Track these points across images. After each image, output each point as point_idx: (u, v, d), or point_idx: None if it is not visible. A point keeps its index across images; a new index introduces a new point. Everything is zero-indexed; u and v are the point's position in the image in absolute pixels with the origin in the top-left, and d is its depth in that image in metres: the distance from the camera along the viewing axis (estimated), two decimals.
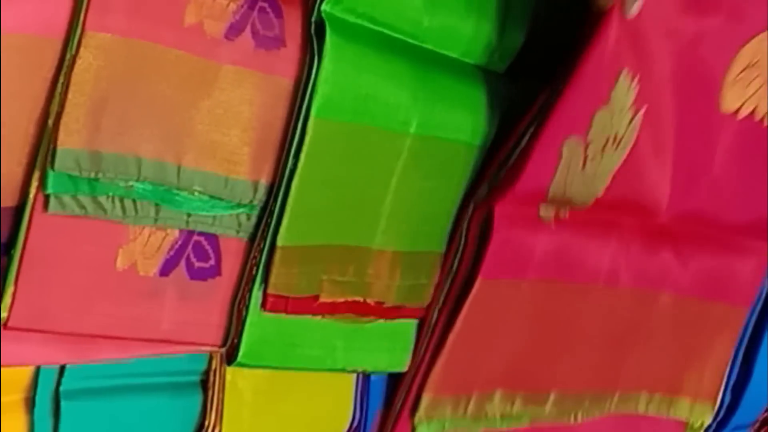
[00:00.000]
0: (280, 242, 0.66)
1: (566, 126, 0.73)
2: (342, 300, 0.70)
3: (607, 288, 0.82)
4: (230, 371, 0.72)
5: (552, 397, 0.84)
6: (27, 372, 0.64)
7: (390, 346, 0.76)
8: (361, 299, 0.71)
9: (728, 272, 0.90)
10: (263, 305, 0.67)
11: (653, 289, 0.86)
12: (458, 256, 0.75)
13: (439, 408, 0.78)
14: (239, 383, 0.73)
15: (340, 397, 0.80)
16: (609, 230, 0.81)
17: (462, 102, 0.73)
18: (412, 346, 0.77)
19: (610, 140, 0.76)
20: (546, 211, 0.77)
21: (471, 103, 0.73)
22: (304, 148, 0.64)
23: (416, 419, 0.77)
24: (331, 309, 0.70)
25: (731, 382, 1.01)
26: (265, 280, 0.66)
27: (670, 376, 0.91)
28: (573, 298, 0.81)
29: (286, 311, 0.68)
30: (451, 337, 0.75)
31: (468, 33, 0.73)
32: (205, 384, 0.72)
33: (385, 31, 0.69)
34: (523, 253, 0.76)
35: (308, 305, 0.69)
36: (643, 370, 0.89)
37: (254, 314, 0.67)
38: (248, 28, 0.62)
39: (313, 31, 0.64)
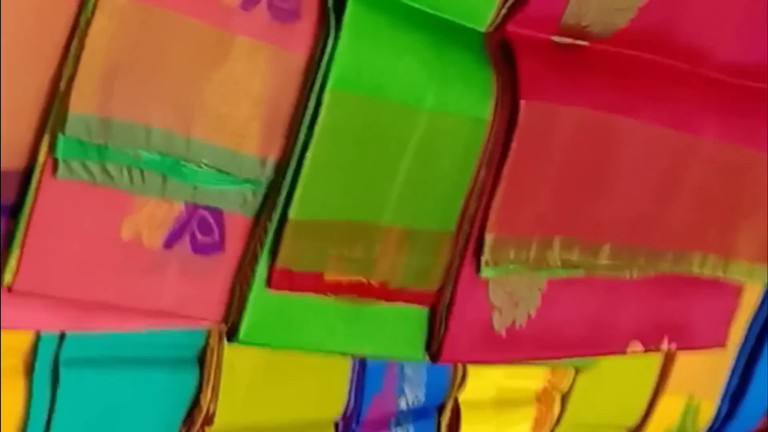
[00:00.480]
0: (291, 215, 0.65)
1: None
2: (346, 280, 0.70)
3: (647, 126, 0.82)
4: (228, 349, 0.72)
5: (607, 248, 0.84)
6: (27, 337, 0.63)
7: (392, 333, 0.75)
8: (365, 280, 0.71)
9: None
10: (268, 282, 0.67)
11: (693, 133, 0.86)
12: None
13: (504, 250, 0.78)
14: (236, 362, 0.73)
15: (335, 381, 0.80)
16: (639, 66, 0.82)
17: (478, 77, 0.72)
18: (417, 338, 0.77)
19: None
20: (560, 40, 0.77)
21: (488, 78, 0.73)
22: (319, 120, 0.64)
23: (482, 262, 0.77)
24: (335, 288, 0.70)
25: (729, 391, 1.02)
26: (273, 254, 0.66)
27: (723, 236, 0.91)
28: (615, 134, 0.81)
29: (291, 288, 0.67)
30: (506, 169, 0.75)
31: (485, 2, 0.72)
32: (202, 360, 0.72)
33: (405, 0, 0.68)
34: (554, 76, 0.76)
35: (313, 283, 0.68)
36: (695, 228, 0.89)
37: (257, 292, 0.67)
38: (264, 0, 0.62)
39: (330, 4, 0.64)
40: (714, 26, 0.84)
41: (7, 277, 0.59)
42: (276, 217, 0.66)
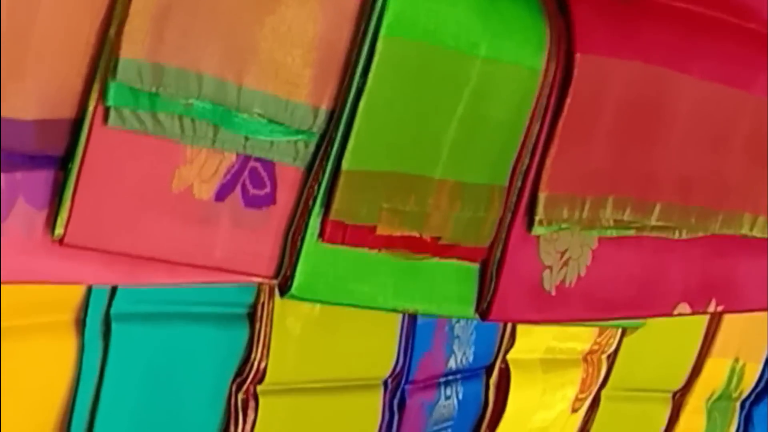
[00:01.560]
0: (345, 166, 0.64)
1: None
2: (399, 234, 0.69)
3: (699, 81, 0.81)
4: (279, 305, 0.71)
5: (658, 208, 0.83)
6: (79, 292, 0.63)
7: (443, 290, 0.74)
8: (418, 234, 0.70)
9: None
10: (321, 234, 0.65)
11: (743, 89, 0.84)
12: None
13: (557, 209, 0.76)
14: (287, 318, 0.72)
15: (385, 339, 0.79)
16: (690, 19, 0.80)
17: (532, 27, 0.71)
18: (468, 295, 0.76)
19: None
20: None
21: (539, 27, 0.71)
22: (373, 67, 0.63)
23: (535, 221, 0.76)
24: (387, 243, 0.68)
25: None
26: (327, 206, 0.65)
27: None
28: (667, 89, 0.79)
29: (344, 241, 0.66)
30: (560, 125, 0.74)
31: None
32: (252, 317, 0.71)
33: None
34: (608, 29, 0.75)
35: (365, 236, 0.67)
36: (745, 188, 0.88)
37: (310, 245, 0.65)
38: None
39: None
40: None
41: (59, 230, 0.58)
42: (329, 168, 0.64)
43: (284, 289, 0.67)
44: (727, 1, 0.82)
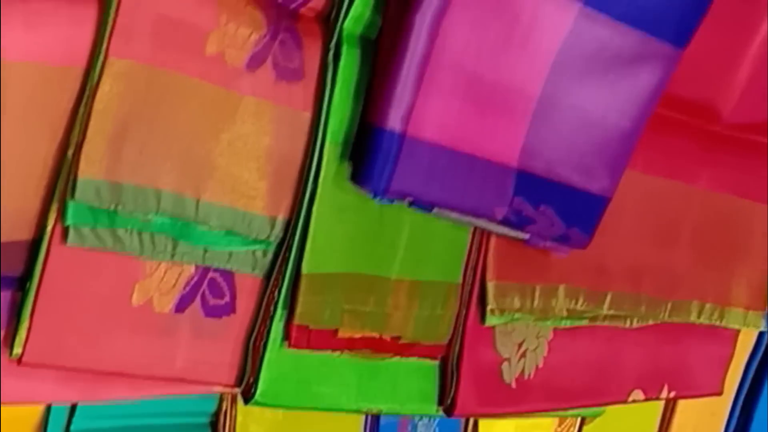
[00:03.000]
0: (305, 269, 0.65)
1: None
2: (360, 335, 0.69)
3: (646, 174, 0.83)
4: (242, 413, 0.71)
5: (610, 297, 0.84)
6: (38, 410, 0.62)
7: (405, 388, 0.75)
8: (378, 335, 0.71)
9: (755, 173, 0.90)
10: (287, 339, 0.66)
11: (689, 182, 0.86)
12: None
13: (507, 298, 0.77)
14: (250, 426, 0.71)
15: None
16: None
17: None
18: (430, 392, 0.76)
19: None
20: None
21: None
22: (322, 173, 0.64)
23: (487, 310, 0.77)
24: (349, 344, 0.69)
25: None
26: (290, 311, 0.65)
27: (719, 284, 0.92)
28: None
29: (309, 345, 0.67)
30: None
31: None
32: (215, 426, 0.71)
33: None
34: None
35: (328, 339, 0.68)
36: (693, 277, 0.89)
37: (272, 351, 0.66)
38: (269, 59, 0.62)
39: (330, 58, 0.64)
40: (715, 83, 0.85)
41: (17, 349, 0.58)
42: (288, 274, 0.65)
43: (248, 396, 0.67)
44: (679, 100, 0.84)
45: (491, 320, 0.78)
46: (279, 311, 0.66)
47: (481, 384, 0.79)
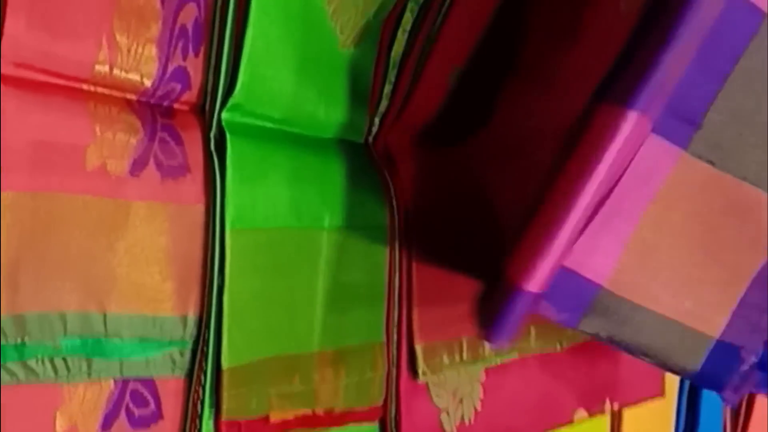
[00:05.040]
0: (225, 364, 0.64)
1: (451, 58, 0.75)
2: (292, 416, 0.69)
3: None
4: None
5: (533, 330, 0.86)
6: None
7: None
8: (310, 411, 0.70)
9: None
10: None
11: None
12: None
13: (436, 357, 0.78)
14: None
15: None
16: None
17: (369, 187, 0.74)
18: None
19: None
20: None
21: (375, 186, 0.74)
22: (227, 263, 0.64)
23: (419, 371, 0.77)
24: (283, 427, 0.68)
25: None
26: (216, 407, 0.64)
27: None
28: None
29: None
30: (415, 277, 0.76)
31: (358, 115, 0.74)
32: None
33: (283, 127, 0.69)
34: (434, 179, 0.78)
35: (261, 428, 0.67)
36: None
37: None
38: (152, 161, 0.61)
39: (213, 147, 0.64)
40: None
41: None
42: (209, 370, 0.64)
43: None
44: None
45: (423, 378, 0.78)
46: (207, 410, 0.65)
47: None
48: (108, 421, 0.62)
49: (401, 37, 0.74)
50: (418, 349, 0.77)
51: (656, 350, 0.79)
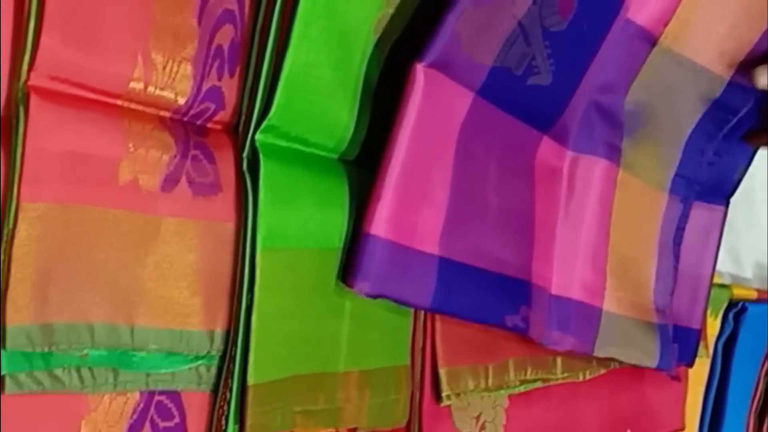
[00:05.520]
0: (250, 381, 0.64)
1: None
2: None
3: None
4: None
5: (559, 361, 0.88)
6: None
7: None
8: (334, 429, 0.70)
9: None
10: None
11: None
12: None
13: (461, 381, 0.79)
14: None
15: None
16: None
17: None
18: None
19: None
20: None
21: None
22: (257, 282, 0.64)
23: (443, 395, 0.78)
24: None
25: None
26: (241, 423, 0.65)
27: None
28: None
29: None
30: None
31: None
32: None
33: (316, 151, 0.69)
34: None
35: None
36: None
37: None
38: (184, 178, 0.62)
39: (245, 168, 0.65)
40: None
41: None
42: (235, 386, 0.65)
43: None
44: None
45: (447, 402, 0.78)
46: (231, 425, 0.65)
47: None
48: (133, 431, 0.63)
49: None
50: (442, 372, 0.78)
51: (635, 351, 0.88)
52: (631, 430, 0.98)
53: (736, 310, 1.08)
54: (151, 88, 0.60)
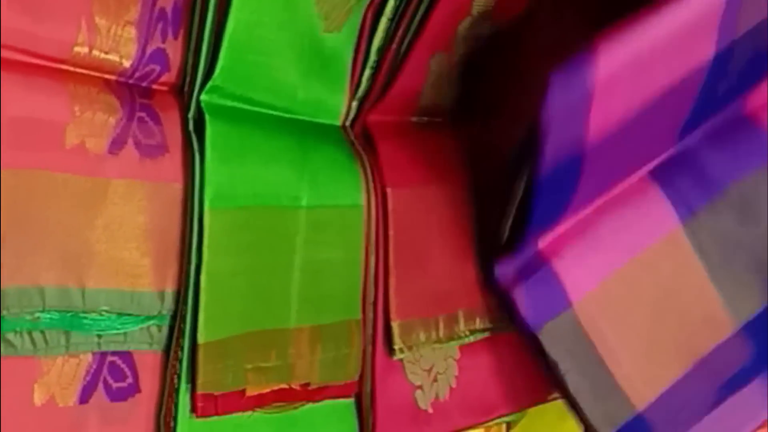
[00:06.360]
0: (200, 339, 0.65)
1: (433, 44, 0.77)
2: (268, 390, 0.70)
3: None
4: None
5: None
6: None
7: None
8: (287, 385, 0.71)
9: None
10: (193, 411, 0.66)
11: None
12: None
13: (413, 335, 0.80)
14: None
15: None
16: None
17: (345, 167, 0.75)
18: (352, 429, 0.77)
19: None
20: (419, 120, 0.82)
21: (352, 167, 0.75)
22: (205, 241, 0.65)
23: (396, 349, 0.79)
24: (259, 401, 0.70)
25: None
26: (192, 382, 0.66)
27: None
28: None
29: (217, 412, 0.67)
30: (392, 256, 0.78)
31: (336, 98, 0.75)
32: None
33: (262, 110, 0.70)
34: (415, 158, 0.81)
35: (237, 401, 0.68)
36: None
37: (183, 424, 0.66)
38: (130, 140, 0.63)
39: (192, 128, 0.65)
40: None
41: None
42: (186, 344, 0.66)
43: None
44: None
45: (399, 355, 0.80)
46: (183, 383, 0.66)
47: (397, 415, 0.80)
48: (86, 393, 0.64)
49: (383, 24, 0.75)
50: (395, 326, 0.79)
51: (582, 396, 0.84)
52: None
53: None
54: (95, 52, 0.60)
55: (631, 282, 0.85)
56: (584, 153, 0.74)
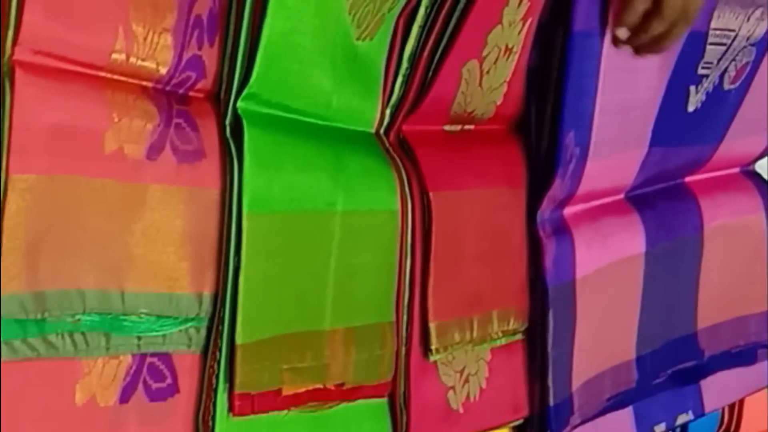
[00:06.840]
0: (239, 340, 0.67)
1: (465, 52, 0.78)
2: (303, 389, 0.71)
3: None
4: None
5: None
6: None
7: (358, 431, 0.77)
8: (321, 385, 0.73)
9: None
10: (231, 409, 0.67)
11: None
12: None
13: (448, 335, 0.81)
14: None
15: None
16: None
17: (380, 173, 0.76)
18: (385, 428, 0.78)
19: (502, 51, 0.82)
20: (452, 128, 0.84)
21: (387, 172, 0.76)
22: (243, 245, 0.66)
23: (432, 350, 0.80)
24: (294, 401, 0.71)
25: None
26: (230, 381, 0.67)
27: None
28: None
29: (253, 411, 0.68)
30: (433, 259, 0.80)
31: (370, 105, 0.76)
32: None
33: (297, 117, 0.71)
34: (452, 163, 0.83)
35: (273, 400, 0.70)
36: None
37: (221, 422, 0.68)
38: (168, 146, 0.64)
39: (229, 134, 0.66)
40: None
41: None
42: (224, 345, 0.67)
43: None
44: None
45: (435, 357, 0.81)
46: (221, 384, 0.67)
47: (431, 415, 0.82)
48: (126, 393, 0.65)
49: (415, 32, 0.76)
50: (432, 327, 0.80)
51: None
52: None
53: None
54: (132, 59, 0.62)
55: (602, 281, 0.92)
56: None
